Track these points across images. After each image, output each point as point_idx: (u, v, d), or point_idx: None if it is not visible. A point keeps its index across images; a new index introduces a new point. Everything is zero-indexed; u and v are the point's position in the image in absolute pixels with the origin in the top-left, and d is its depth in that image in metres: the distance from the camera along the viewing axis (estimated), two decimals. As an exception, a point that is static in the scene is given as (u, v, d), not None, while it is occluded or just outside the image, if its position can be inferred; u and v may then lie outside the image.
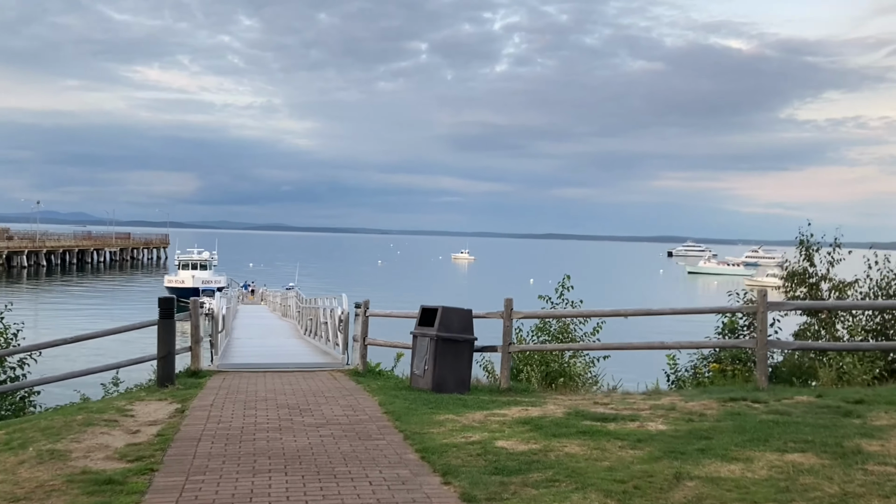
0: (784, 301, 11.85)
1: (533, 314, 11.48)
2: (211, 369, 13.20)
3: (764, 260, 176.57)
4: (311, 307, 20.89)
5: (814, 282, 15.92)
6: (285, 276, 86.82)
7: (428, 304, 10.87)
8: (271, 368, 13.44)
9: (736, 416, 7.88)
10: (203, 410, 8.76)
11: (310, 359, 15.21)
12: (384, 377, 12.38)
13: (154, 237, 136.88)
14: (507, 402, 9.33)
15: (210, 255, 74.35)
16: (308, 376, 12.37)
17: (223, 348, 15.94)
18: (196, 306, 12.39)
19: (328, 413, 8.62)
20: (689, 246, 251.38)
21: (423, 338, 10.51)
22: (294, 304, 28.56)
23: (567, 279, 14.54)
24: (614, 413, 8.26)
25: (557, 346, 11.70)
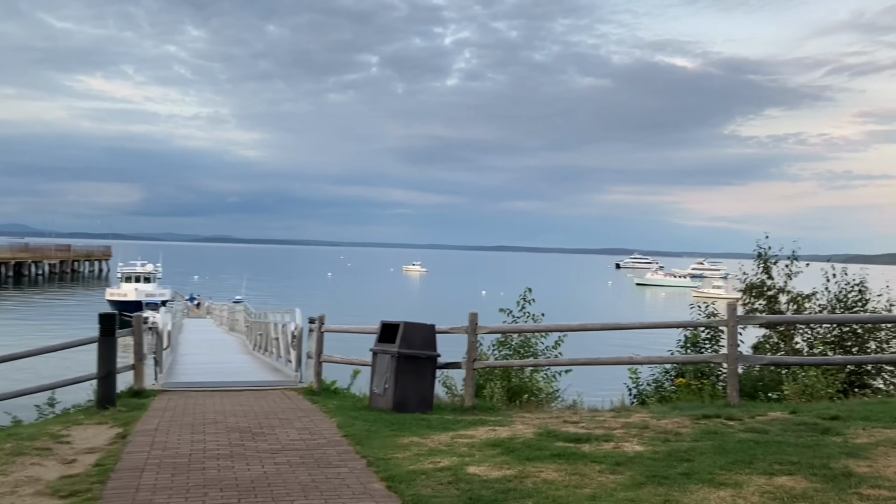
0: (755, 315, 11.68)
1: (499, 329, 11.08)
2: (155, 388, 12.46)
3: (709, 272, 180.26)
4: (261, 321, 20.15)
5: (772, 294, 15.91)
6: (232, 288, 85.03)
7: (383, 318, 10.40)
8: (220, 387, 12.76)
9: (713, 434, 7.57)
10: (147, 435, 8.10)
11: (261, 376, 14.55)
12: (341, 396, 11.83)
13: (96, 249, 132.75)
14: (473, 422, 8.89)
15: (154, 267, 72.35)
16: (260, 396, 11.74)
17: (168, 366, 15.16)
18: (139, 321, 11.67)
19: (283, 437, 8.05)
20: (636, 258, 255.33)
21: (383, 355, 10.01)
22: (242, 319, 27.68)
23: (528, 292, 14.20)
24: (587, 433, 7.89)
25: (524, 362, 11.30)
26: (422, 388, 9.93)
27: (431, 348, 10.07)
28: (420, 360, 9.92)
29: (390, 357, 9.87)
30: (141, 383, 11.68)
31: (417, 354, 9.89)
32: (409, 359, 9.84)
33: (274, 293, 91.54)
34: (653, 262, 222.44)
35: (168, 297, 64.78)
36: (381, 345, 10.14)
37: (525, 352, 12.98)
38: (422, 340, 10.00)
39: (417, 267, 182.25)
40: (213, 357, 19.73)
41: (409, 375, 9.83)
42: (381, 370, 10.03)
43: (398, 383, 9.77)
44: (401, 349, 9.79)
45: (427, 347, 10.02)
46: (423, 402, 9.90)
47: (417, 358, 9.90)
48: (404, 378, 9.80)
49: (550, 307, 13.79)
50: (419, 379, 9.91)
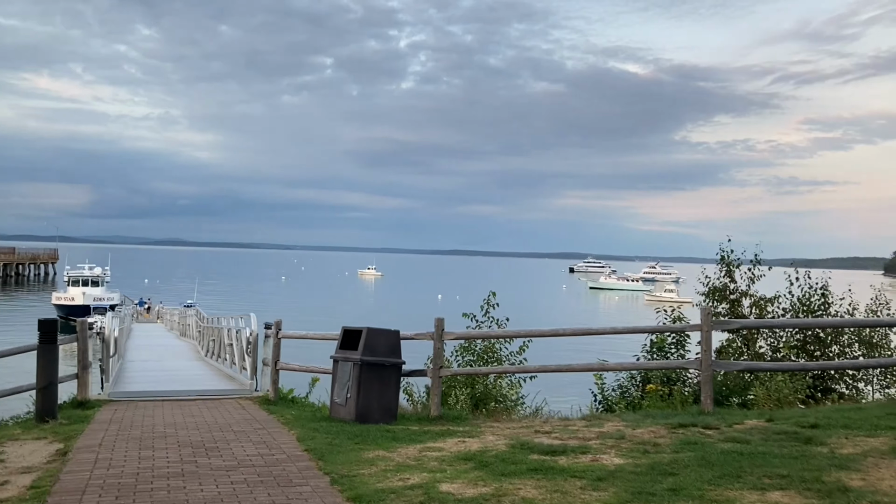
0: (730, 320, 11.46)
1: (467, 335, 10.66)
2: (101, 399, 11.76)
3: (661, 276, 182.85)
4: (214, 327, 19.41)
5: (735, 298, 15.81)
6: (183, 292, 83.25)
7: (340, 323, 9.93)
8: (170, 396, 12.11)
9: (693, 445, 7.25)
10: (90, 452, 7.48)
11: (214, 385, 13.89)
12: (299, 406, 11.28)
13: (42, 252, 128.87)
14: (440, 433, 8.45)
15: (102, 270, 70.45)
16: (213, 406, 11.13)
17: (116, 374, 14.41)
18: (84, 327, 10.97)
19: (239, 452, 7.50)
20: (589, 262, 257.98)
21: (345, 362, 9.51)
22: (194, 323, 26.78)
23: (493, 296, 13.83)
24: (562, 444, 7.51)
25: (493, 369, 10.89)
26: (386, 398, 9.46)
27: (396, 355, 9.60)
28: (384, 367, 9.45)
29: (352, 365, 9.38)
30: (85, 393, 10.98)
31: (381, 362, 9.42)
32: (373, 366, 9.37)
33: (226, 297, 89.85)
34: (605, 267, 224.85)
35: (117, 302, 63.04)
36: (342, 352, 9.64)
37: (489, 357, 12.61)
38: (386, 347, 9.53)
39: (372, 271, 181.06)
40: (164, 364, 18.94)
41: (373, 384, 9.35)
42: (342, 379, 9.53)
43: (361, 392, 9.29)
44: (364, 356, 9.31)
45: (391, 354, 9.55)
46: (386, 411, 9.43)
47: (381, 365, 9.42)
48: (367, 387, 9.32)
49: (507, 312, 13.42)
50: (383, 388, 9.44)
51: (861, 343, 14.41)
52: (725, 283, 15.93)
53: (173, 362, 19.48)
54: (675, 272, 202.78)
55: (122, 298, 67.98)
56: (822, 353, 14.24)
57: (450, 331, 9.72)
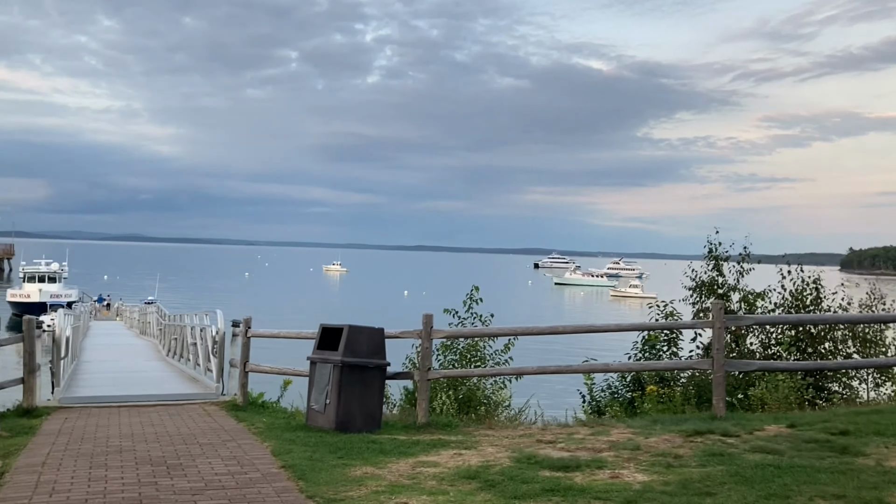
0: (743, 315, 10.76)
1: (457, 333, 9.78)
2: (51, 405, 10.69)
3: (625, 271, 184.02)
4: (176, 325, 18.30)
5: (723, 292, 15.19)
6: (144, 289, 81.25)
7: (309, 320, 9.05)
8: (128, 401, 11.08)
9: (719, 457, 6.50)
10: (31, 473, 6.47)
11: (176, 388, 12.86)
12: (270, 411, 10.33)
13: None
14: (431, 444, 7.60)
15: (60, 266, 68.41)
16: (175, 412, 10.14)
17: (68, 377, 13.29)
18: (31, 326, 9.89)
19: (207, 471, 6.55)
20: (554, 258, 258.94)
21: (323, 364, 8.60)
22: (155, 321, 25.54)
23: (476, 290, 13.01)
24: (572, 457, 6.70)
25: (486, 370, 10.02)
26: (369, 403, 8.57)
27: (380, 355, 8.71)
28: (367, 369, 8.56)
29: (332, 367, 8.46)
30: (32, 400, 9.91)
31: (364, 363, 8.52)
32: (355, 368, 8.47)
33: (188, 294, 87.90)
34: (570, 262, 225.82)
35: (75, 298, 61.24)
36: (320, 352, 8.72)
37: (472, 356, 11.80)
38: (369, 347, 8.63)
39: (338, 267, 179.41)
40: (122, 364, 17.79)
41: (355, 388, 8.46)
42: (320, 382, 8.62)
43: (342, 398, 8.38)
44: (345, 357, 8.41)
45: (375, 355, 8.66)
46: (370, 418, 8.55)
47: (364, 367, 8.53)
48: (349, 391, 8.42)
49: (475, 308, 12.61)
50: (366, 392, 8.55)
51: (855, 339, 13.89)
52: (713, 278, 15.30)
53: (132, 363, 18.33)
54: (638, 268, 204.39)
55: (81, 295, 66.12)
56: (815, 351, 13.69)
57: (439, 328, 8.85)
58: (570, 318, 75.43)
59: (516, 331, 8.81)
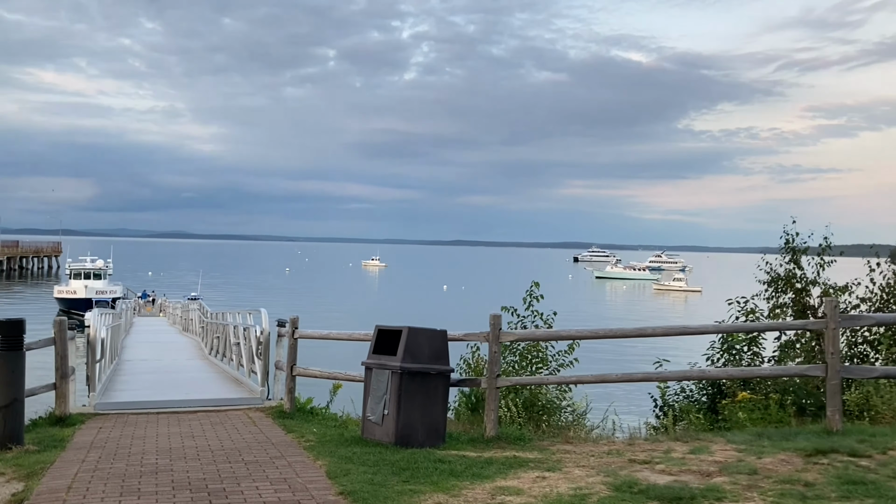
0: (861, 314, 9.57)
1: (530, 335, 8.72)
2: (86, 411, 9.96)
3: (667, 265, 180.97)
4: (219, 323, 17.59)
5: (801, 286, 13.95)
6: (187, 285, 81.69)
7: (352, 317, 8.17)
8: (168, 408, 10.29)
9: (861, 486, 5.41)
10: (54, 500, 5.64)
11: (219, 391, 12.07)
12: (320, 419, 9.45)
13: (45, 245, 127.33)
14: (506, 463, 6.62)
15: (105, 263, 68.89)
16: (218, 420, 9.32)
17: (105, 379, 12.60)
18: (63, 328, 9.13)
19: (254, 498, 5.64)
20: (594, 251, 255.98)
21: (380, 370, 7.67)
22: (197, 319, 24.97)
23: (536, 287, 11.99)
24: (679, 484, 5.67)
25: (563, 378, 8.93)
26: (432, 414, 7.62)
27: (443, 360, 7.75)
28: (430, 376, 7.61)
29: (391, 374, 7.53)
30: (64, 407, 9.15)
31: (426, 370, 7.57)
32: (416, 375, 7.52)
33: (231, 290, 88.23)
34: (610, 256, 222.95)
35: (119, 295, 61.54)
36: (377, 357, 7.80)
37: (533, 357, 10.81)
38: (431, 351, 7.68)
39: (376, 261, 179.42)
40: (163, 363, 17.13)
41: (416, 397, 7.51)
42: (377, 391, 7.69)
43: (402, 408, 7.45)
44: (405, 363, 7.47)
45: (438, 360, 7.71)
46: (433, 432, 7.59)
47: (426, 374, 7.58)
48: (410, 401, 7.48)
49: (516, 303, 11.58)
50: (428, 402, 7.60)
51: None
52: (791, 271, 14.06)
53: (173, 361, 17.68)
54: (681, 261, 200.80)
55: (125, 291, 66.50)
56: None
57: (509, 330, 7.85)
58: (615, 313, 73.73)
59: (598, 333, 7.73)
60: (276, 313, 11.98)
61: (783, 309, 13.30)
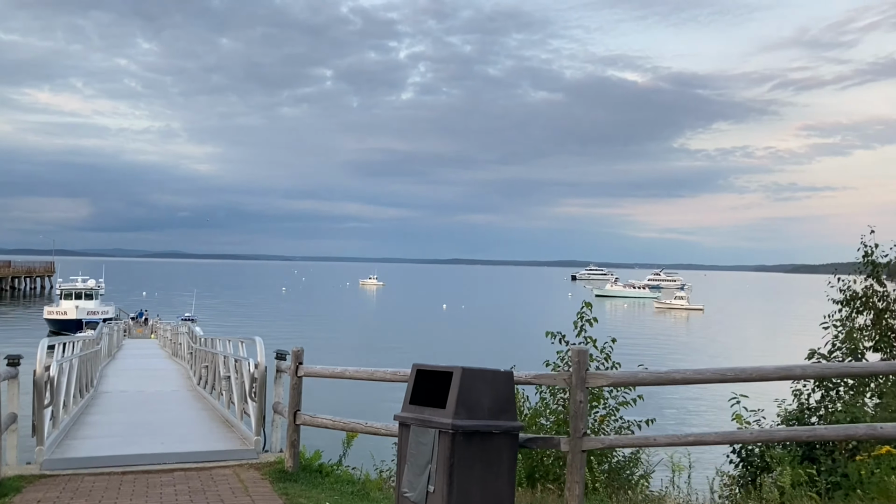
0: None
1: (630, 378, 6.26)
2: (28, 472, 7.73)
3: (666, 283, 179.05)
4: (208, 351, 15.37)
5: (883, 307, 11.84)
6: (182, 305, 79.47)
7: (354, 340, 6.05)
8: (138, 464, 8.07)
9: None
10: None
11: (205, 439, 9.81)
12: (333, 482, 7.25)
13: (38, 265, 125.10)
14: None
15: (96, 283, 66.85)
16: (199, 486, 7.10)
17: (68, 421, 10.37)
18: (-5, 368, 6.93)
19: None
20: (592, 270, 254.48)
21: (422, 430, 5.48)
22: (186, 343, 22.71)
23: (588, 307, 9.84)
24: None
25: (680, 436, 6.39)
26: (496, 490, 5.43)
27: (509, 414, 5.58)
28: (492, 437, 5.43)
29: (438, 434, 5.35)
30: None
31: (488, 428, 5.39)
32: (474, 436, 5.34)
33: (226, 310, 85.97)
34: (608, 274, 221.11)
35: (111, 315, 59.47)
36: (416, 409, 5.61)
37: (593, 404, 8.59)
38: (493, 400, 5.51)
39: (374, 281, 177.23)
40: (144, 397, 14.86)
41: (475, 467, 5.33)
42: (418, 457, 5.50)
43: (454, 483, 5.26)
44: (458, 419, 5.28)
45: (502, 413, 5.53)
46: (497, 515, 5.40)
47: (488, 434, 5.40)
48: (465, 472, 5.29)
49: (520, 322, 9.45)
50: (490, 472, 5.41)
51: None
52: (870, 287, 11.95)
53: (156, 394, 15.41)
54: (680, 279, 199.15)
55: (118, 311, 64.40)
56: None
57: (600, 371, 5.67)
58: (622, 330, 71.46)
59: (725, 375, 5.46)
60: (273, 340, 9.89)
61: (862, 332, 11.27)
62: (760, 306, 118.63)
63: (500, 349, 50.49)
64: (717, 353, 52.81)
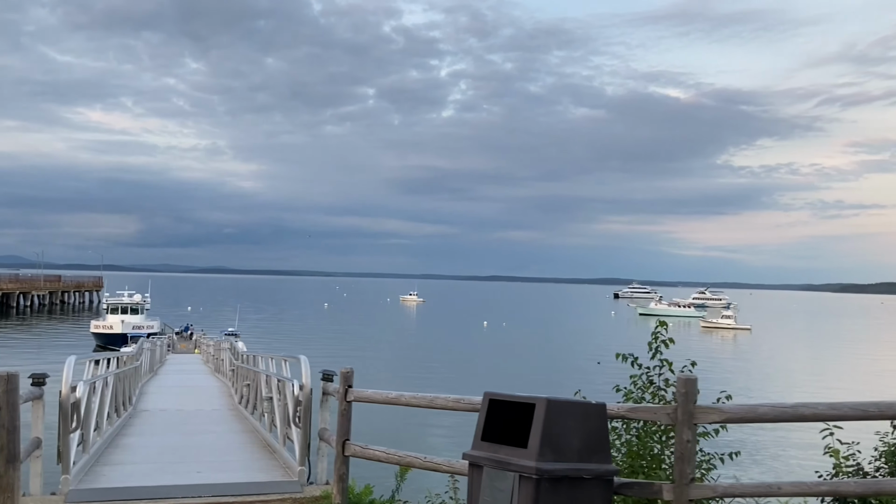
0: None
1: (749, 414, 5.05)
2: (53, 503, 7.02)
3: (711, 301, 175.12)
4: (250, 368, 14.68)
5: None
6: (226, 320, 79.76)
7: (396, 358, 5.27)
8: (172, 496, 7.32)
9: None
10: None
11: (245, 467, 9.03)
12: (387, 525, 6.39)
13: (86, 280, 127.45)
14: None
15: (142, 297, 67.31)
16: (237, 526, 6.31)
17: (101, 444, 9.68)
18: (13, 386, 6.23)
19: None
20: (634, 288, 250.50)
21: (499, 472, 4.61)
22: (228, 360, 22.12)
23: (664, 328, 8.85)
24: None
25: (804, 485, 5.33)
26: (587, 547, 4.52)
27: (602, 455, 4.67)
28: (583, 483, 4.53)
29: (518, 479, 4.47)
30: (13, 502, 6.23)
31: (578, 471, 4.50)
32: (562, 482, 4.45)
33: (269, 324, 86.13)
34: (651, 292, 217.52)
35: (157, 330, 59.77)
36: (491, 448, 4.73)
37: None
38: (583, 439, 4.61)
39: (414, 297, 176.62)
40: (183, 416, 14.19)
41: (562, 519, 4.43)
42: (494, 502, 4.62)
43: (538, 539, 4.36)
44: (543, 461, 4.39)
45: (594, 454, 4.63)
46: (588, 576, 4.49)
47: (578, 480, 4.51)
48: (551, 526, 4.40)
49: (564, 341, 8.41)
50: (580, 525, 4.51)
51: None
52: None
53: (197, 413, 14.75)
54: (725, 298, 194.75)
55: (162, 326, 64.76)
56: None
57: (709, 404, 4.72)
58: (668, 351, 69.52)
59: (868, 411, 4.46)
60: (317, 358, 9.12)
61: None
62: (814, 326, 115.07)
63: (550, 370, 49.25)
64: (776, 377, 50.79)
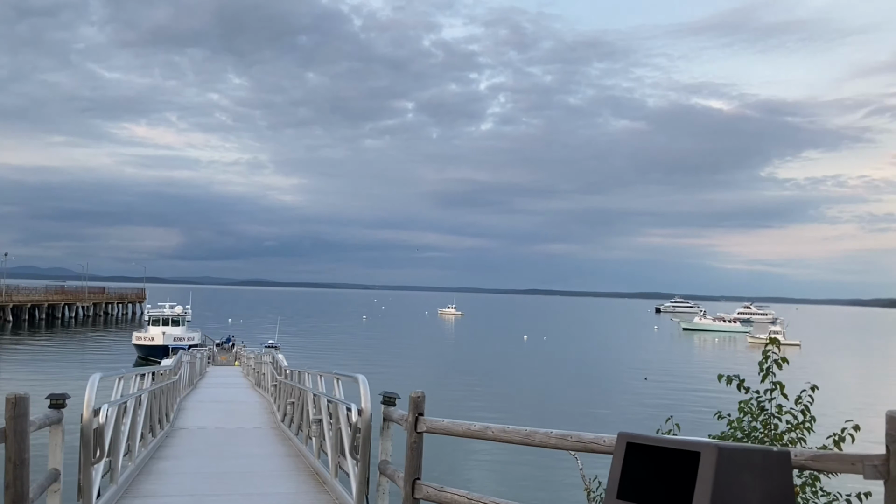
0: None
1: None
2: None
3: (756, 316, 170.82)
4: (295, 385, 13.60)
5: None
6: (266, 332, 79.49)
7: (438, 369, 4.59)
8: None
9: None
10: None
11: (290, 500, 7.90)
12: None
13: (129, 292, 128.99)
14: None
15: (183, 309, 67.23)
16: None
17: (128, 475, 8.63)
18: (21, 412, 5.18)
19: None
20: (676, 302, 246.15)
21: (648, 544, 3.38)
22: (269, 374, 21.14)
23: (774, 344, 7.54)
24: None
25: None
26: None
27: (786, 522, 3.42)
28: (767, 563, 3.29)
29: (678, 555, 3.24)
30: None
31: (760, 548, 3.25)
32: (739, 563, 3.21)
33: (308, 338, 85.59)
34: (694, 306, 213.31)
35: (197, 342, 59.57)
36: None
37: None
38: (764, 497, 3.37)
39: (452, 310, 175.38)
40: (223, 436, 13.16)
41: None
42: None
43: None
44: (713, 534, 3.17)
45: (776, 521, 3.38)
46: None
47: (761, 559, 3.26)
48: None
49: (608, 355, 7.10)
50: None
51: None
52: None
53: (236, 433, 13.71)
54: (772, 312, 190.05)
55: (203, 338, 64.60)
56: None
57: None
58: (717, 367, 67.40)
59: None
60: (362, 364, 7.95)
61: None
62: (864, 341, 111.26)
63: (595, 387, 47.57)
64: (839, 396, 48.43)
